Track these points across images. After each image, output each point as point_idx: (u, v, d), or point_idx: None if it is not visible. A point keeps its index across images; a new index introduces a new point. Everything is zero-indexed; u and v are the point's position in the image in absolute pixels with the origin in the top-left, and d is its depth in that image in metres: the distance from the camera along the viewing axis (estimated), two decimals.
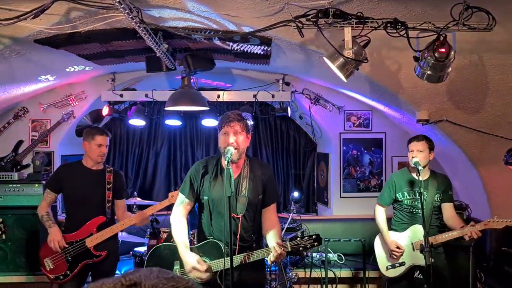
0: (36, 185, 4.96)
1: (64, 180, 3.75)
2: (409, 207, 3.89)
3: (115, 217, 3.94)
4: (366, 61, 2.73)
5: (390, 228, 4.04)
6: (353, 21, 2.62)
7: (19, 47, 3.53)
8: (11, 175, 5.01)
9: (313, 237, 2.89)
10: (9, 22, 2.67)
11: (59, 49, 3.75)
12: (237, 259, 2.86)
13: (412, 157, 3.75)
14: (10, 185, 4.94)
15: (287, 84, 5.46)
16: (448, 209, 3.85)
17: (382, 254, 4.06)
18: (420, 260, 3.72)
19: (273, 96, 5.34)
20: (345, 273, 5.10)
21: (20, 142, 5.38)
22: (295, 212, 5.13)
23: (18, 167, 5.31)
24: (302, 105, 5.77)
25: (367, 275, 4.97)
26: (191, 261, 2.86)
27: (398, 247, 3.85)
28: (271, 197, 3.10)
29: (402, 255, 3.86)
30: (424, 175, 3.83)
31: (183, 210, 3.11)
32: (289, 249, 2.83)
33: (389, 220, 4.12)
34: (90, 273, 3.83)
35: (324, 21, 2.65)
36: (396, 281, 3.94)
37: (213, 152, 6.14)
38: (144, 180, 6.24)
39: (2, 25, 2.71)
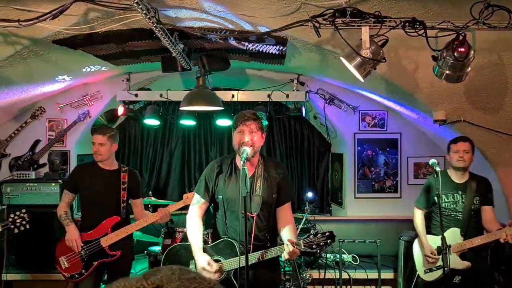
0: (53, 184, 5.02)
1: (80, 180, 3.79)
2: (447, 210, 3.80)
3: (133, 216, 3.96)
4: (384, 60, 2.70)
5: (429, 232, 3.96)
6: (370, 21, 2.60)
7: (37, 48, 3.57)
8: (28, 174, 5.08)
9: (326, 234, 2.88)
10: (29, 23, 2.71)
11: (77, 50, 3.79)
12: (253, 257, 2.86)
13: (460, 157, 3.69)
14: (27, 184, 5.01)
15: (302, 84, 5.45)
16: (487, 212, 3.76)
17: (420, 257, 3.98)
18: (457, 263, 3.66)
19: (287, 96, 5.33)
20: (359, 274, 5.06)
21: (37, 142, 5.46)
22: (309, 212, 5.11)
23: (35, 166, 5.38)
24: (316, 105, 5.74)
25: (382, 277, 4.94)
26: (201, 262, 2.88)
27: (432, 253, 3.79)
28: (285, 196, 3.10)
29: (438, 260, 3.79)
30: (463, 178, 3.79)
31: (199, 210, 3.12)
32: (302, 247, 2.82)
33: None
34: (105, 272, 3.86)
35: (341, 20, 2.63)
36: (433, 285, 3.85)
37: (227, 152, 6.14)
38: (158, 180, 6.27)
39: (21, 26, 2.75)
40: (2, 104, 4.67)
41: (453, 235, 3.74)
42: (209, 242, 3.20)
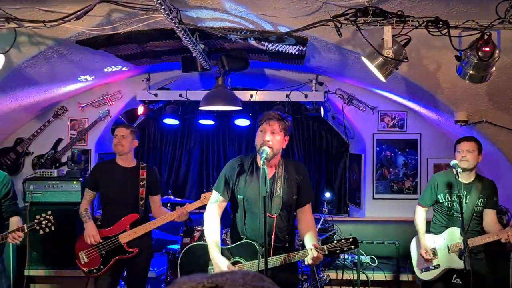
0: (74, 182, 5.11)
1: (100, 178, 3.85)
2: (448, 210, 3.79)
3: (151, 214, 4.01)
4: (406, 60, 2.68)
5: (428, 230, 3.95)
6: (393, 20, 2.59)
7: (61, 48, 3.64)
8: (50, 172, 5.18)
9: (350, 240, 2.87)
10: (54, 23, 2.76)
11: (99, 50, 3.85)
12: (277, 260, 2.85)
13: (462, 157, 3.65)
14: (50, 182, 5.11)
15: (320, 84, 5.43)
16: (489, 215, 3.71)
17: (417, 256, 3.98)
18: (456, 263, 3.63)
19: (306, 96, 5.32)
20: (378, 276, 5.02)
21: (59, 140, 5.56)
22: (327, 212, 5.09)
23: (57, 164, 5.48)
24: (335, 105, 5.72)
25: (401, 279, 4.90)
26: (222, 266, 2.85)
27: (427, 252, 3.78)
28: (306, 197, 3.08)
29: (434, 258, 3.79)
30: (469, 178, 3.73)
31: (217, 209, 3.10)
32: (327, 252, 2.81)
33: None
34: (124, 269, 3.91)
35: (363, 20, 2.62)
36: (430, 284, 3.85)
37: (244, 152, 6.16)
38: (177, 179, 6.32)
39: (46, 26, 2.80)
40: (26, 104, 4.77)
41: (452, 234, 3.71)
42: (227, 242, 3.20)
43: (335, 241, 2.90)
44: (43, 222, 3.31)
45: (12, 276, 4.56)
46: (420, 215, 3.97)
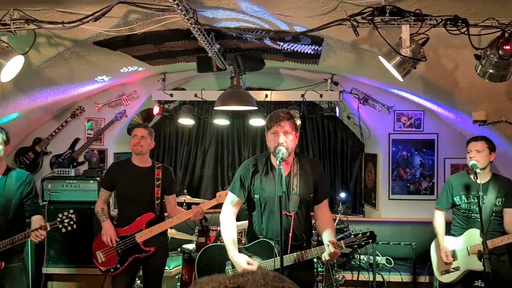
0: (91, 181, 5.17)
1: (115, 178, 3.89)
2: (466, 211, 3.74)
3: (166, 213, 4.03)
4: (424, 59, 2.65)
5: (448, 233, 3.90)
6: (411, 19, 2.56)
7: (79, 49, 3.68)
8: (68, 171, 5.24)
9: (367, 234, 2.86)
10: (73, 25, 2.80)
11: (116, 51, 3.89)
12: (291, 258, 2.85)
13: (470, 158, 3.60)
14: (67, 181, 5.18)
15: (336, 83, 5.41)
16: (509, 215, 3.64)
17: (437, 258, 3.93)
18: (476, 265, 3.58)
19: (321, 95, 5.30)
20: (394, 277, 4.98)
21: (76, 140, 5.63)
22: (342, 213, 5.06)
23: (75, 163, 5.55)
24: (350, 105, 5.69)
25: (418, 280, 4.85)
26: (241, 262, 2.87)
27: (446, 255, 3.74)
28: (323, 193, 3.08)
29: (454, 260, 3.74)
30: (484, 178, 3.67)
31: (233, 209, 3.12)
32: (344, 248, 2.80)
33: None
34: (141, 267, 3.94)
35: (381, 19, 2.60)
36: (450, 286, 3.81)
37: (259, 151, 6.15)
38: (192, 178, 6.35)
39: (65, 28, 2.84)
40: (44, 104, 4.84)
41: (472, 236, 3.65)
42: (242, 242, 3.21)
43: (352, 236, 2.90)
44: (65, 220, 3.35)
45: (30, 273, 4.63)
46: (439, 218, 3.92)
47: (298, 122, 2.96)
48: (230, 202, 3.11)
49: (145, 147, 3.84)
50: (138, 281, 4.51)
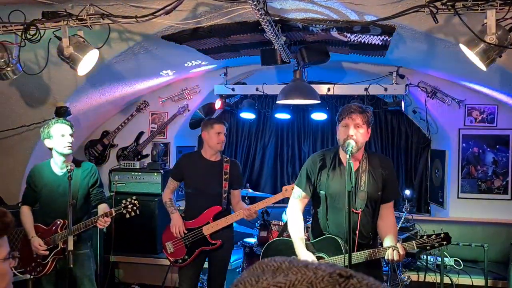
0: (155, 173, 5.30)
1: (185, 170, 3.93)
2: None
3: (230, 207, 4.05)
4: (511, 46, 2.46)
5: None
6: (497, 3, 2.37)
7: (147, 44, 3.76)
8: (133, 164, 5.42)
9: (441, 235, 2.71)
10: (145, 19, 2.85)
11: (182, 44, 3.94)
12: (362, 255, 2.76)
13: None
14: (132, 173, 5.35)
15: (402, 77, 5.19)
16: None
17: None
18: None
19: (385, 89, 5.11)
20: (463, 280, 4.71)
21: (141, 133, 5.80)
22: (407, 211, 4.86)
23: (139, 156, 5.73)
24: (416, 99, 5.44)
25: (490, 284, 4.57)
26: (309, 260, 2.82)
27: None
28: (391, 193, 2.96)
29: None
30: None
31: (300, 204, 3.06)
32: (415, 249, 2.68)
33: None
34: (206, 259, 3.99)
35: (462, 4, 2.43)
36: None
37: (320, 146, 6.05)
38: (252, 172, 6.36)
39: (138, 22, 2.90)
40: (112, 98, 5.02)
41: None
42: (305, 236, 3.14)
43: (424, 237, 2.76)
44: (129, 206, 3.46)
45: (99, 261, 4.83)
46: None
47: (371, 117, 2.85)
48: (297, 197, 3.07)
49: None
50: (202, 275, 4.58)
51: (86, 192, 3.58)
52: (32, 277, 3.64)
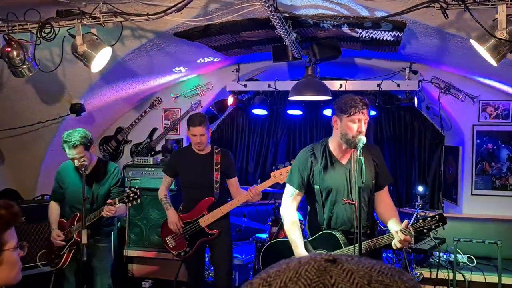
0: None
1: (178, 165, 4.03)
2: None
3: (228, 199, 4.10)
4: None
5: None
6: None
7: (160, 41, 3.81)
8: (146, 160, 5.49)
9: (436, 217, 2.71)
10: (157, 16, 2.89)
11: (194, 42, 3.97)
12: (363, 246, 2.77)
13: None
14: (146, 169, 5.42)
15: (414, 72, 5.15)
16: None
17: None
18: None
19: (398, 85, 5.07)
20: (476, 277, 4.68)
21: (154, 130, 5.87)
22: (420, 207, 4.84)
23: (153, 152, 5.80)
24: (430, 95, 5.40)
25: (503, 281, 4.52)
26: None
27: None
28: (384, 179, 3.02)
29: None
30: None
31: (294, 202, 3.05)
32: (413, 233, 2.68)
33: None
34: (207, 246, 4.08)
35: None
36: None
37: None
38: (264, 168, 6.38)
39: (150, 19, 2.94)
40: (126, 95, 5.09)
41: None
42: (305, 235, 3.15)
43: (420, 220, 2.76)
44: (131, 195, 3.53)
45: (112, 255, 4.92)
46: None
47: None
48: (290, 195, 3.05)
49: (206, 142, 3.90)
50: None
51: (107, 192, 3.73)
52: (52, 268, 3.80)
